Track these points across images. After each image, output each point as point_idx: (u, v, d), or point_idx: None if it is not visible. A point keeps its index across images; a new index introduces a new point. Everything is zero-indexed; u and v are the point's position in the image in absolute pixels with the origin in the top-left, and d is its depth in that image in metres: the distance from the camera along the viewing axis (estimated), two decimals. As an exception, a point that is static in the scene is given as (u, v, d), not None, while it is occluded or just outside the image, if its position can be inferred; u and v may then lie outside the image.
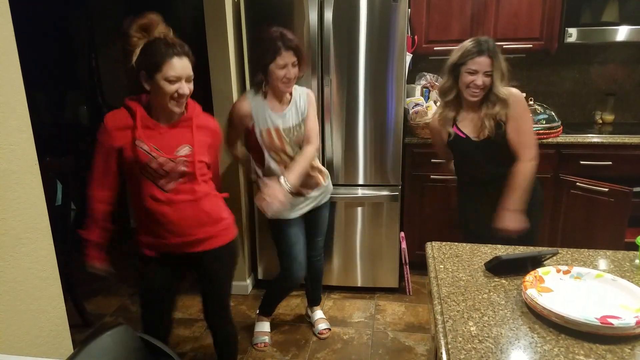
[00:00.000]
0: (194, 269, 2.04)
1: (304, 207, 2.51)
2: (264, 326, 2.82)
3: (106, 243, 1.89)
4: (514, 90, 2.15)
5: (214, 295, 2.10)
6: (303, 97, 2.41)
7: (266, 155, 2.35)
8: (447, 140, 2.29)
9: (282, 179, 2.25)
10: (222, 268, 2.04)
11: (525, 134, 2.14)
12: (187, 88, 1.73)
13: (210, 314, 2.14)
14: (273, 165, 2.37)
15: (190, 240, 1.89)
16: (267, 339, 2.76)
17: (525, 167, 2.13)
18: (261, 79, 2.30)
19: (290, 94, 2.41)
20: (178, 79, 1.70)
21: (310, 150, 2.40)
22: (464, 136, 2.22)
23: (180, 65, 1.70)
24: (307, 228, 2.65)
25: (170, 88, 1.70)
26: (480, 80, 2.08)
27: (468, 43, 2.13)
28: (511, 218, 2.13)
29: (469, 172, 2.34)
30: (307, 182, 2.46)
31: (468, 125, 2.22)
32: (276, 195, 2.18)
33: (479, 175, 2.29)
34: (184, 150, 1.80)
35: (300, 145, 2.40)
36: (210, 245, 1.94)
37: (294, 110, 2.38)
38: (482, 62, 2.07)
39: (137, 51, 1.71)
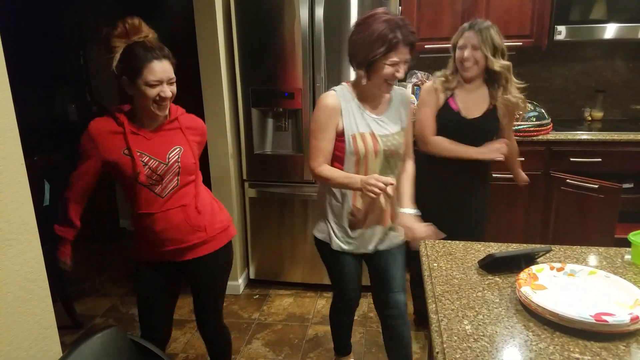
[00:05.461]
0: (187, 278, 2.00)
1: (370, 243, 2.03)
2: None
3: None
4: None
5: (207, 304, 2.05)
6: (404, 101, 1.98)
7: (346, 165, 1.90)
8: (436, 111, 2.34)
9: (406, 210, 1.95)
10: (216, 276, 2.00)
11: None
12: (169, 91, 1.70)
13: (203, 324, 2.09)
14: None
15: (184, 247, 1.86)
16: None
17: (516, 146, 2.54)
18: (360, 74, 1.83)
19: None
20: (159, 82, 1.67)
21: (412, 166, 2.08)
22: (456, 110, 2.30)
23: (161, 69, 1.67)
24: (375, 277, 2.11)
25: (152, 92, 1.67)
26: (467, 52, 2.19)
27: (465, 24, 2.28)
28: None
29: None
30: (377, 215, 2.00)
31: (461, 102, 2.30)
32: (418, 230, 1.88)
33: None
34: (175, 152, 1.78)
35: (390, 159, 1.94)
36: (205, 251, 1.90)
37: (393, 114, 1.95)
38: (468, 36, 2.20)
39: (117, 56, 1.67)
